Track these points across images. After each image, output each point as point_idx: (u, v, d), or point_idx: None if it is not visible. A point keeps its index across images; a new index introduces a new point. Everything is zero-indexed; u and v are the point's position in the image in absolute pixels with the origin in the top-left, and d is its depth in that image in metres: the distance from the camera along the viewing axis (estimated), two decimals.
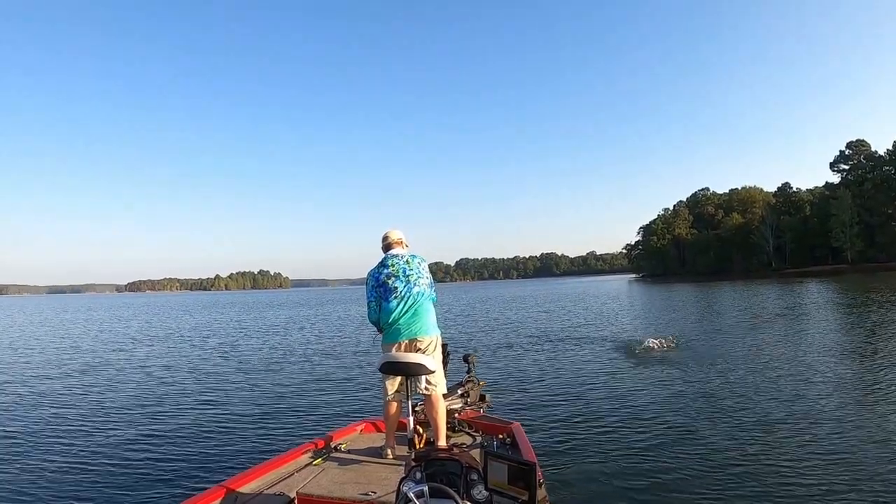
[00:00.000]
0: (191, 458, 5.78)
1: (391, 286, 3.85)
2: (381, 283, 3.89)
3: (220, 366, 12.69)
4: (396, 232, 4.16)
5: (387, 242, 4.10)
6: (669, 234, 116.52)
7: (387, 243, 4.10)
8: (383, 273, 3.91)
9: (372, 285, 3.94)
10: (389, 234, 4.14)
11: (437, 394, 3.80)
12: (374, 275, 3.96)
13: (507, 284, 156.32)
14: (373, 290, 3.93)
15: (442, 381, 3.90)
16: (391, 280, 3.87)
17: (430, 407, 3.79)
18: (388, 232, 4.15)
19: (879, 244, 77.51)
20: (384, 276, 3.90)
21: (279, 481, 3.27)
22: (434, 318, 3.99)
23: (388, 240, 4.11)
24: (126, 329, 26.19)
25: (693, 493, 4.46)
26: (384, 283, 3.87)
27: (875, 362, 9.78)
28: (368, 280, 3.99)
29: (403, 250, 4.10)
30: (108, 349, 17.30)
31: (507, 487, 2.16)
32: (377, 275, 3.93)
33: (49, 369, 12.90)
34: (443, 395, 3.98)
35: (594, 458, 5.42)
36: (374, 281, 3.93)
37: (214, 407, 8.31)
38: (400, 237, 4.15)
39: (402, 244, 4.13)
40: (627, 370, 10.28)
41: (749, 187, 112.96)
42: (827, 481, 4.55)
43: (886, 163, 79.99)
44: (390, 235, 4.13)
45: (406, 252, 4.09)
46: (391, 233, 4.14)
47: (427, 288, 3.96)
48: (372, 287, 3.94)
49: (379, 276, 3.92)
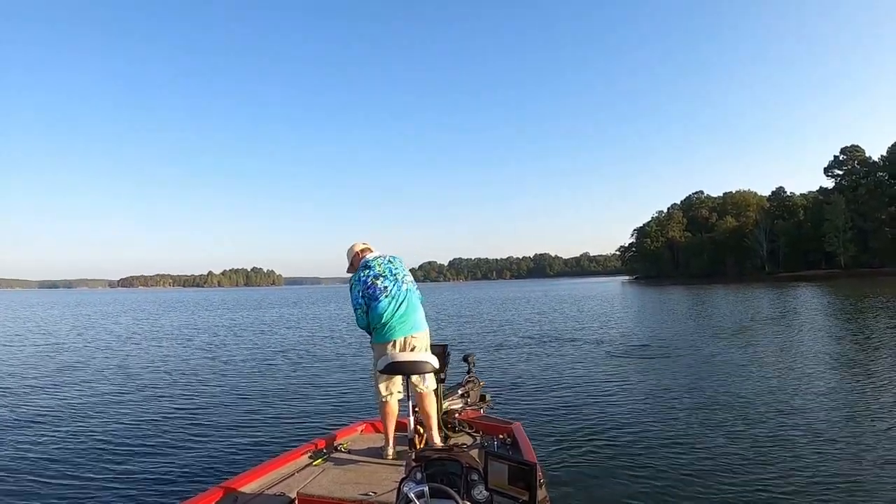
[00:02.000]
0: (190, 459, 5.75)
1: (380, 286, 3.81)
2: (369, 285, 3.82)
3: (219, 366, 12.62)
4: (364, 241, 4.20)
5: (359, 249, 4.11)
6: (663, 237, 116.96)
7: (359, 250, 4.11)
8: (370, 276, 3.85)
9: (359, 290, 3.86)
10: (356, 244, 4.16)
11: (429, 391, 3.79)
12: (360, 279, 3.89)
13: (501, 285, 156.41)
14: (359, 295, 3.85)
15: (433, 378, 3.88)
16: (379, 280, 3.83)
17: (424, 404, 3.77)
18: (354, 244, 4.17)
19: (873, 249, 78.06)
20: (371, 278, 3.85)
21: (279, 481, 3.26)
22: (423, 314, 3.99)
23: (358, 247, 4.13)
24: (124, 328, 26.03)
25: (692, 493, 4.50)
26: (372, 285, 3.82)
27: (868, 367, 9.87)
28: (354, 286, 3.91)
29: (377, 252, 4.09)
30: (104, 348, 17.21)
31: (507, 488, 2.17)
32: (363, 279, 3.86)
33: (44, 367, 12.84)
34: (443, 394, 4.00)
35: (594, 458, 5.44)
36: (362, 285, 3.85)
37: (214, 407, 8.27)
38: (366, 243, 4.17)
39: (370, 249, 4.13)
40: (627, 371, 10.32)
41: (743, 191, 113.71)
42: (822, 481, 4.60)
43: (880, 168, 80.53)
44: (357, 245, 4.16)
45: (381, 254, 4.08)
46: (357, 243, 4.17)
47: (412, 285, 3.96)
48: (359, 292, 3.86)
49: (366, 280, 3.85)
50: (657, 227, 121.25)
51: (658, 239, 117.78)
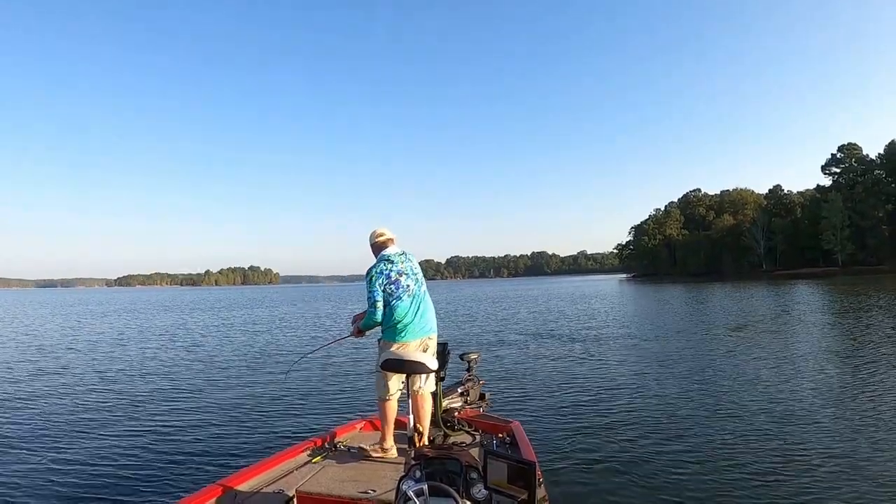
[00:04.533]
0: (189, 456, 5.75)
1: (404, 284, 3.71)
2: (394, 280, 3.69)
3: (218, 363, 12.62)
4: (389, 229, 3.98)
5: (384, 239, 3.90)
6: (660, 235, 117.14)
7: (383, 240, 3.90)
8: (394, 270, 3.71)
9: (382, 283, 3.67)
10: (385, 230, 3.94)
11: (427, 391, 3.77)
12: (383, 272, 3.70)
13: (499, 283, 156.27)
14: (380, 289, 3.66)
15: (433, 379, 3.86)
16: (403, 278, 3.73)
17: (422, 404, 3.74)
18: (383, 229, 3.95)
19: (870, 247, 78.43)
20: (395, 273, 3.71)
21: (278, 479, 3.27)
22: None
23: (384, 237, 3.91)
24: (121, 326, 25.97)
25: (692, 492, 4.50)
26: (396, 281, 3.70)
27: (866, 365, 9.91)
28: (376, 277, 3.69)
29: (397, 247, 3.94)
30: (100, 347, 17.17)
31: (506, 486, 2.18)
32: (387, 272, 3.70)
33: (41, 367, 12.83)
34: (442, 393, 4.00)
35: (594, 457, 5.45)
36: (385, 279, 3.68)
37: (212, 405, 8.27)
38: (386, 232, 3.95)
39: (393, 241, 3.94)
40: (625, 370, 10.33)
41: (740, 189, 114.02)
42: (823, 481, 4.62)
43: (878, 167, 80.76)
44: (387, 232, 3.94)
45: (400, 249, 3.93)
46: (386, 230, 3.95)
47: (425, 285, 3.92)
48: (382, 285, 3.67)
49: (390, 274, 3.70)
50: (655, 225, 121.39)
51: (655, 237, 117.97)
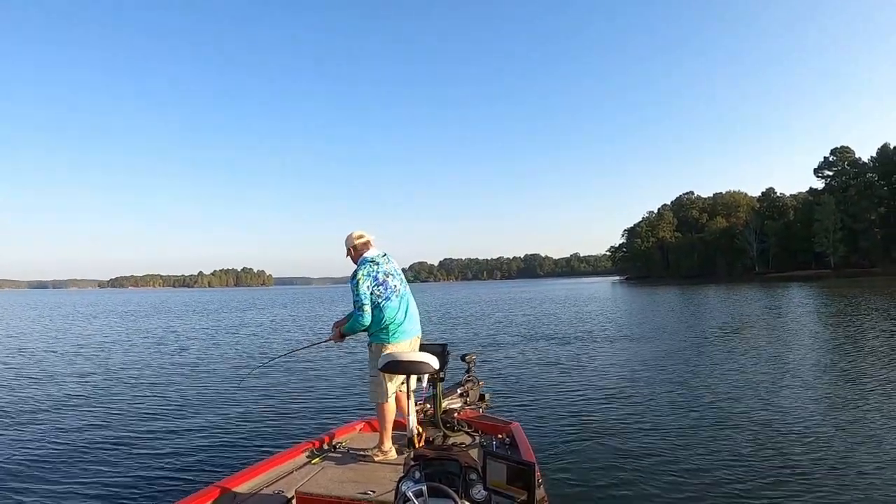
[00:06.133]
0: (187, 457, 5.73)
1: (391, 284, 3.71)
2: (381, 282, 3.68)
3: (216, 365, 12.56)
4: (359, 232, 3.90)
5: (364, 241, 3.85)
6: (653, 237, 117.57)
7: (364, 241, 3.84)
8: (380, 272, 3.70)
9: (370, 285, 3.63)
10: (364, 232, 3.88)
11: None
12: (370, 274, 3.66)
13: (492, 285, 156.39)
14: (368, 292, 3.62)
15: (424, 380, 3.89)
16: (390, 278, 3.73)
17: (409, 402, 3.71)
18: (362, 231, 3.89)
19: (862, 249, 79.01)
20: (382, 274, 3.70)
21: (277, 480, 3.26)
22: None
23: (364, 238, 3.85)
24: (120, 327, 25.82)
25: (691, 491, 4.53)
26: (384, 282, 3.69)
27: (858, 366, 9.99)
28: (363, 280, 3.64)
29: (376, 249, 3.88)
30: (99, 348, 17.04)
31: (505, 487, 2.18)
32: (374, 274, 3.67)
33: (40, 366, 12.71)
34: (441, 393, 4.01)
35: (593, 457, 5.46)
36: (373, 280, 3.65)
37: (211, 406, 8.23)
38: (365, 234, 3.89)
39: (371, 244, 3.88)
40: (623, 372, 10.35)
41: (733, 192, 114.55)
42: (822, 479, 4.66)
43: (870, 169, 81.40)
44: (366, 234, 3.88)
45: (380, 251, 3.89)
46: (365, 232, 3.89)
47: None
48: (369, 287, 3.63)
49: (377, 276, 3.68)
50: (648, 228, 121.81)
51: (648, 239, 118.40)
